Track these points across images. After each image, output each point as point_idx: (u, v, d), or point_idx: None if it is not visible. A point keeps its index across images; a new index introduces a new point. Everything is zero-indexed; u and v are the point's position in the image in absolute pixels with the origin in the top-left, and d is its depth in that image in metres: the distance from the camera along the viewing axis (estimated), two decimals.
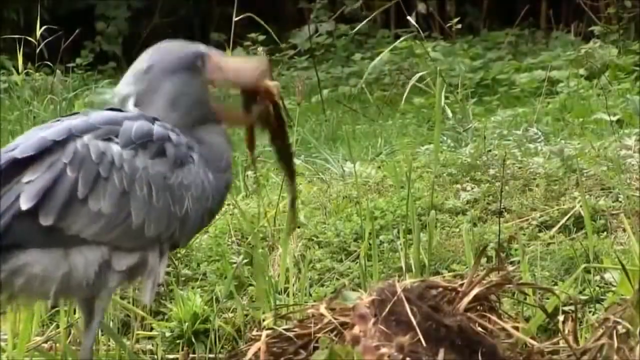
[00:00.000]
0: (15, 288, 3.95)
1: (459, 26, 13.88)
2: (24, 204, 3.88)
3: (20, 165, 3.94)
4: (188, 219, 4.14)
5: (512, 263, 5.78)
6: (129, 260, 4.06)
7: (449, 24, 14.26)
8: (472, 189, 6.71)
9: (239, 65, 4.40)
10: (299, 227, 6.41)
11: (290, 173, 4.50)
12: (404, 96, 7.99)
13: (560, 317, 4.76)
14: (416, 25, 7.66)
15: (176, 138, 4.13)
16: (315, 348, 4.39)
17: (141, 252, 4.08)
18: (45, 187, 3.91)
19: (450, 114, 8.51)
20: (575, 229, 6.20)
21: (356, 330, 4.21)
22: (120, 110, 4.19)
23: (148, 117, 4.15)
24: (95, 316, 4.16)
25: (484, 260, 5.58)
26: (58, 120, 4.16)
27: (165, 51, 4.35)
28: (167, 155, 4.09)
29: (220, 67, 4.34)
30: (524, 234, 6.12)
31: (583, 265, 5.43)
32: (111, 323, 5.55)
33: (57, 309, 5.65)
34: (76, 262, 3.97)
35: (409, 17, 8.15)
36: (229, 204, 6.38)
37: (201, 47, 4.38)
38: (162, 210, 4.06)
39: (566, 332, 4.63)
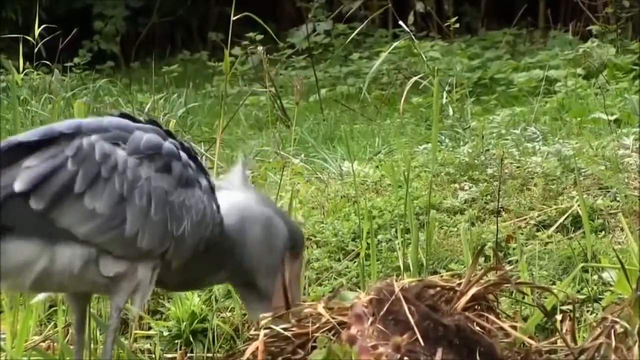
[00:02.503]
0: None
1: (457, 25, 13.89)
2: (18, 186, 3.85)
3: (23, 150, 3.92)
4: (184, 241, 4.09)
5: (510, 262, 5.78)
6: (117, 267, 4.01)
7: (447, 24, 14.27)
8: (470, 188, 6.72)
9: (298, 302, 4.50)
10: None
11: None
12: (403, 95, 7.99)
13: (558, 317, 4.76)
14: (407, 29, 7.64)
15: (185, 158, 4.12)
16: (313, 347, 4.39)
17: (131, 262, 4.04)
18: (42, 175, 3.88)
19: (451, 112, 8.51)
20: (573, 229, 6.20)
21: (353, 330, 4.21)
22: (133, 119, 4.18)
23: (161, 133, 4.14)
24: (107, 337, 4.16)
25: (481, 259, 5.58)
26: None
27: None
28: (173, 172, 4.06)
29: (296, 276, 4.46)
30: (522, 234, 6.13)
31: (581, 265, 5.43)
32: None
33: (54, 308, 5.64)
34: (61, 254, 3.92)
35: (401, 22, 8.14)
36: None
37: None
38: (159, 224, 4.02)
39: (564, 331, 4.64)
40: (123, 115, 4.19)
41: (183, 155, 4.12)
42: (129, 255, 4.01)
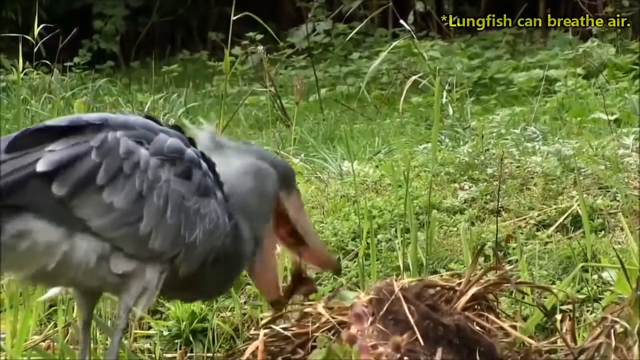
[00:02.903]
0: (17, 252, 3.89)
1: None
2: (40, 167, 3.87)
3: (48, 134, 3.94)
4: (195, 248, 4.10)
5: (509, 262, 5.78)
6: (126, 266, 4.02)
7: (446, 23, 14.28)
8: (470, 188, 6.71)
9: (312, 233, 4.46)
10: None
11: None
12: (402, 95, 7.99)
13: (558, 316, 4.77)
14: (408, 28, 7.65)
15: (205, 167, 4.14)
16: (313, 347, 4.39)
17: (140, 263, 4.05)
18: (67, 159, 3.90)
19: (451, 112, 8.51)
20: (573, 228, 6.20)
21: (353, 329, 4.21)
22: (157, 122, 4.19)
23: (184, 139, 4.15)
24: (114, 336, 4.15)
25: (481, 259, 5.58)
26: None
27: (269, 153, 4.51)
28: (192, 179, 4.08)
29: (299, 210, 4.40)
30: (522, 233, 6.12)
31: (581, 264, 5.43)
32: (109, 322, 5.55)
33: (54, 308, 5.64)
34: (79, 245, 3.93)
35: (402, 21, 8.15)
36: None
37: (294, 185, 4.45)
38: (173, 227, 4.03)
39: (564, 331, 4.64)
40: (148, 118, 4.20)
41: (203, 164, 4.14)
42: (139, 254, 4.02)
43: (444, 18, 14.27)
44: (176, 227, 4.04)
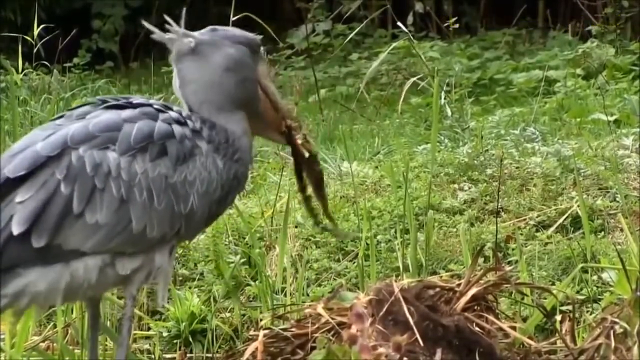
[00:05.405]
0: (21, 307, 3.92)
1: (457, 26, 13.90)
2: (16, 229, 3.82)
3: (13, 184, 3.87)
4: (194, 215, 4.06)
5: (509, 263, 5.79)
6: (133, 263, 4.00)
7: (446, 24, 14.28)
8: (470, 188, 6.72)
9: (279, 99, 4.36)
10: (295, 227, 6.41)
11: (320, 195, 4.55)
12: (402, 96, 8.00)
13: (558, 317, 4.76)
14: (406, 30, 7.66)
15: (180, 131, 4.04)
16: (313, 348, 4.39)
17: (146, 254, 4.03)
18: (37, 208, 3.84)
19: (449, 113, 8.52)
20: (572, 229, 6.21)
21: (353, 329, 4.21)
22: (121, 106, 4.13)
23: (151, 113, 4.08)
24: (123, 325, 4.12)
25: (481, 260, 5.58)
26: (62, 116, 4.11)
27: (231, 28, 4.34)
28: (169, 154, 4.01)
29: (269, 76, 4.29)
30: (522, 234, 6.13)
31: (580, 265, 5.43)
32: (108, 322, 5.55)
33: (54, 308, 5.64)
34: (76, 268, 3.93)
35: (399, 24, 8.16)
36: None
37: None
38: (165, 211, 3.99)
39: (563, 331, 4.64)
40: (109, 106, 4.10)
41: (177, 128, 4.04)
42: (141, 249, 3.99)
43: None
44: (168, 208, 3.99)
